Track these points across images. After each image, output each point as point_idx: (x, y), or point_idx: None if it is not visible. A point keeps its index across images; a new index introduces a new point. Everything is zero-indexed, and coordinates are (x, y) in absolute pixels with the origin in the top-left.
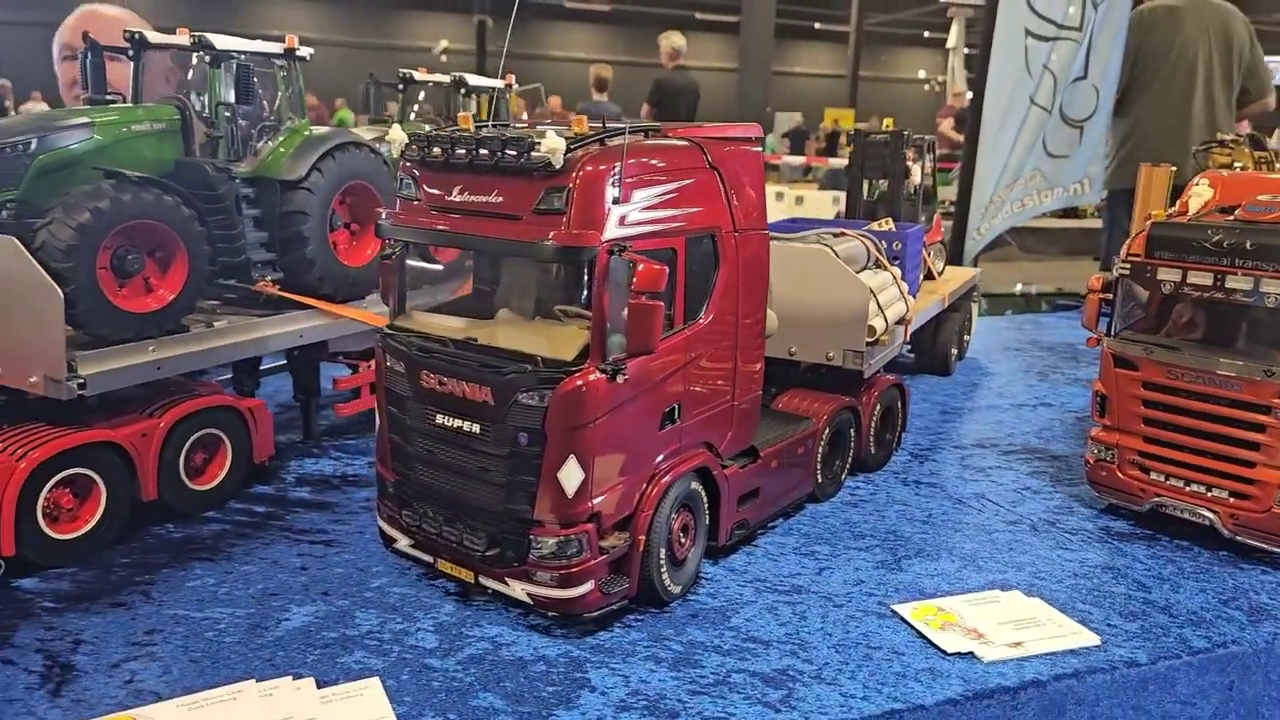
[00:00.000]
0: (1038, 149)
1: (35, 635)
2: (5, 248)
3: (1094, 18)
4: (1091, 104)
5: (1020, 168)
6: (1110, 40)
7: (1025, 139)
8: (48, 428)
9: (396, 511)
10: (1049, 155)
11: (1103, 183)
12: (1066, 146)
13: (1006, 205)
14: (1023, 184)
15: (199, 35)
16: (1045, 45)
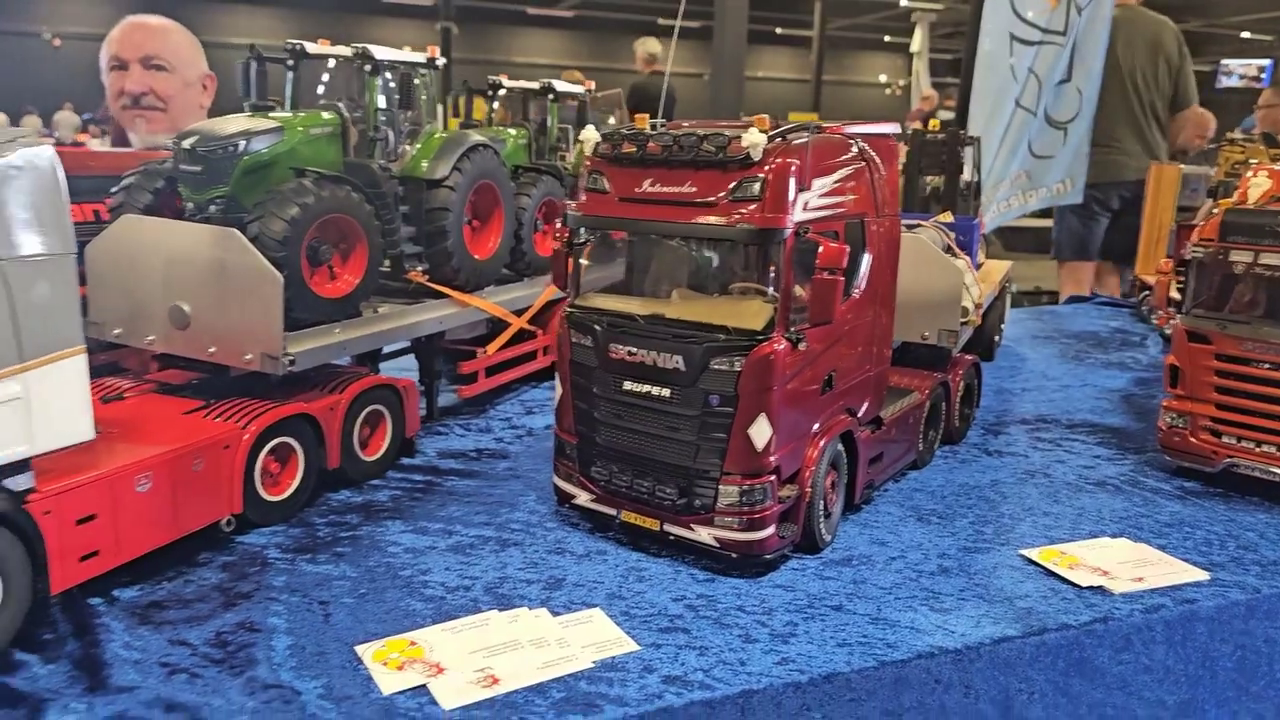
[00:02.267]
0: (1023, 150)
1: (280, 578)
2: (230, 239)
3: (1078, 22)
4: (1075, 106)
5: (1006, 169)
6: (1094, 44)
7: (1010, 141)
8: (257, 401)
9: (577, 470)
10: (1034, 156)
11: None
12: (1050, 147)
13: (994, 205)
14: (1008, 184)
15: (361, 46)
16: (1030, 49)
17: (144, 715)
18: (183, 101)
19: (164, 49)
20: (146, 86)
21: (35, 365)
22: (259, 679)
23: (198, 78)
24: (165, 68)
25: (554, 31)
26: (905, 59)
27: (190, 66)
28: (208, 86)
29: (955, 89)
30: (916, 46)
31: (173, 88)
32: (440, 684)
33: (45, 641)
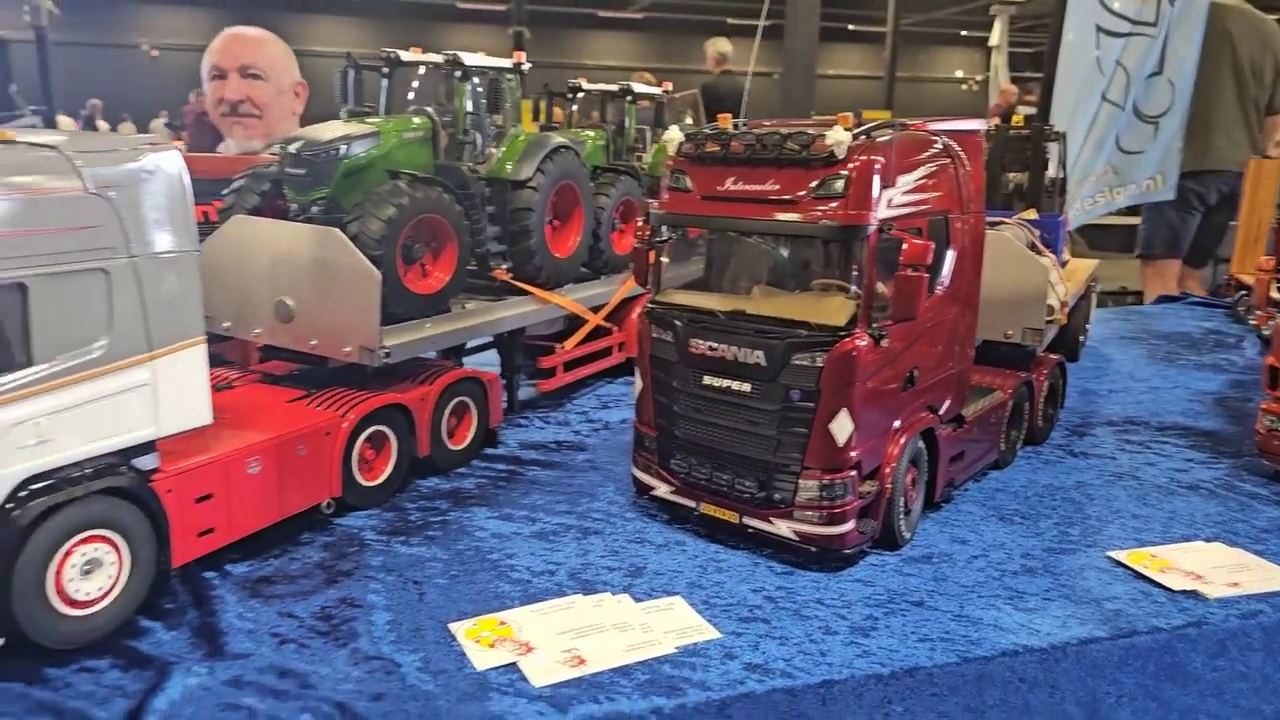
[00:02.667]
0: (1109, 145)
1: (377, 558)
2: (331, 238)
3: (1170, 12)
4: (1167, 100)
5: (1091, 165)
6: (1187, 35)
7: (1096, 135)
8: (355, 391)
9: (656, 463)
10: (1122, 151)
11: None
12: (1140, 142)
13: (1078, 203)
14: (1094, 181)
15: (452, 54)
16: (1118, 41)
17: (259, 680)
18: (277, 108)
19: (260, 59)
20: (243, 95)
21: (162, 354)
22: (362, 651)
23: (290, 85)
24: (261, 76)
25: (624, 33)
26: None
27: (284, 75)
28: (300, 93)
29: (1036, 83)
30: (996, 40)
31: (267, 95)
32: (529, 662)
33: (167, 610)
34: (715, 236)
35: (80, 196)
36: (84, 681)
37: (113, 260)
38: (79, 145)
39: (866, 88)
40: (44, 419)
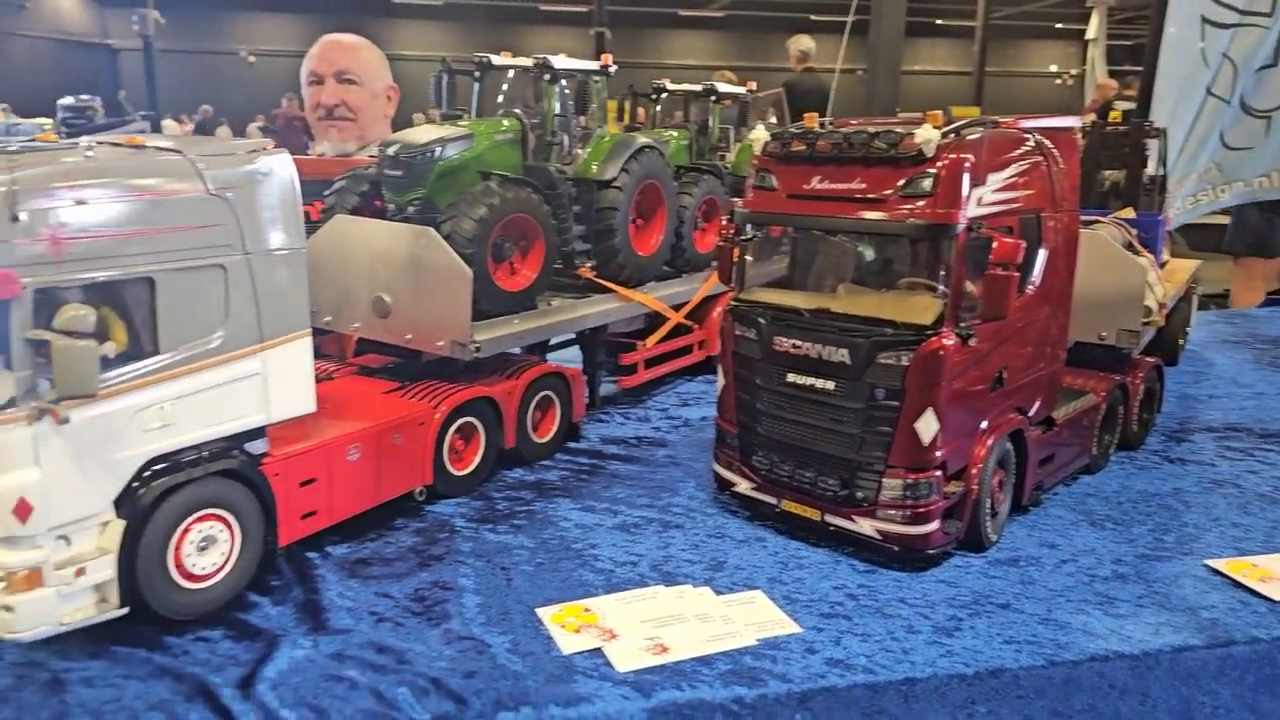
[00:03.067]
0: (1214, 141)
1: (467, 544)
2: (427, 237)
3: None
4: None
5: (1194, 162)
6: None
7: (1200, 131)
8: (445, 384)
9: (738, 459)
10: (1227, 148)
11: None
12: (1248, 138)
13: (1179, 201)
14: (1196, 179)
15: (541, 58)
16: (1225, 33)
17: (359, 655)
18: (370, 112)
19: (355, 64)
20: (339, 99)
21: (272, 345)
22: (454, 631)
23: (383, 89)
24: (356, 81)
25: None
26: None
27: (377, 79)
28: (391, 97)
29: (1135, 78)
30: (1093, 33)
31: (361, 100)
32: (614, 648)
33: (274, 587)
34: (799, 235)
35: (202, 198)
36: (200, 650)
37: (230, 257)
38: (201, 150)
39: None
40: (167, 404)
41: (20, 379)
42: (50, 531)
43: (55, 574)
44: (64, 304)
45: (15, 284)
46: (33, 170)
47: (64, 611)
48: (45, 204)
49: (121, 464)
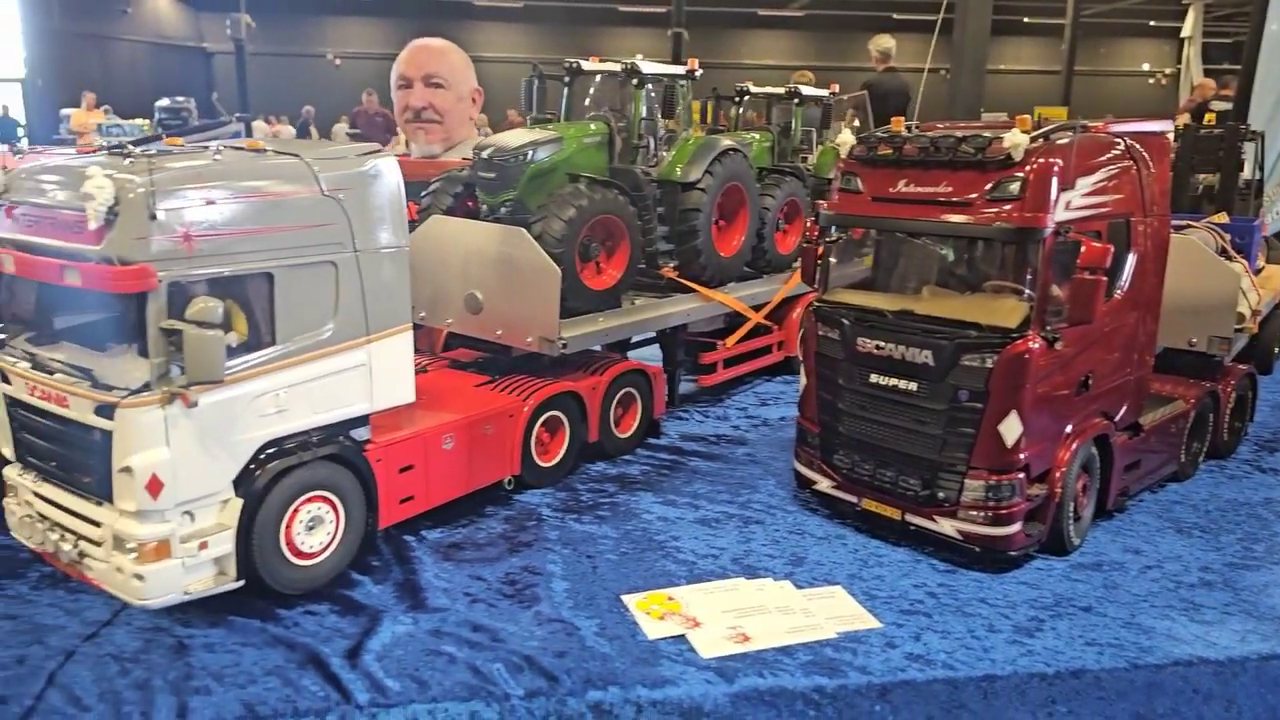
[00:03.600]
0: None
1: (554, 532)
2: (518, 237)
3: None
4: None
5: None
6: None
7: None
8: (533, 378)
9: (819, 458)
10: None
11: None
12: None
13: (1276, 206)
14: None
15: (630, 62)
16: None
17: (456, 632)
18: (456, 114)
19: (442, 68)
20: (426, 102)
21: (377, 338)
22: (544, 613)
23: (469, 91)
24: (443, 85)
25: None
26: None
27: (463, 82)
28: (476, 99)
29: (1234, 77)
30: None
31: (448, 102)
32: (697, 635)
33: (374, 567)
34: (883, 237)
35: (317, 198)
36: (309, 622)
37: (341, 254)
38: (316, 153)
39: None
40: (282, 392)
41: (154, 365)
42: (177, 507)
43: (181, 546)
44: (193, 297)
45: (152, 277)
46: (169, 172)
47: (188, 582)
48: (180, 203)
49: (241, 446)
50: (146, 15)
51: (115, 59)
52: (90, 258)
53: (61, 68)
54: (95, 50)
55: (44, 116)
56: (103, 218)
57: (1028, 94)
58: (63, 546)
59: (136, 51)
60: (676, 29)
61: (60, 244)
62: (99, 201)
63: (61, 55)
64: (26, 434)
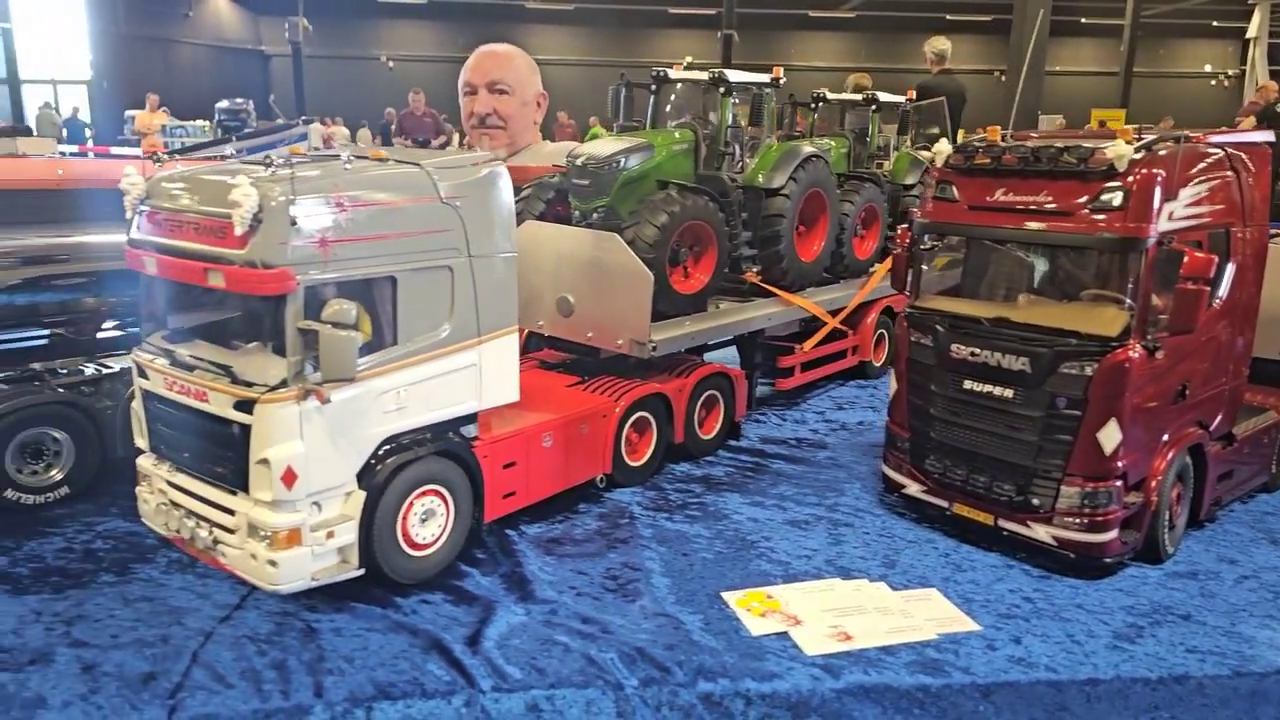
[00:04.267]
0: None
1: (648, 530)
2: (612, 243)
3: None
4: None
5: None
6: None
7: None
8: (622, 380)
9: (908, 463)
10: None
11: None
12: None
13: None
14: None
15: (717, 71)
16: None
17: (566, 623)
18: (520, 119)
19: (506, 74)
20: (491, 108)
21: (487, 339)
22: (648, 608)
23: (533, 97)
24: (507, 91)
25: (835, 34)
26: (1237, 46)
27: (528, 88)
28: (541, 104)
29: None
30: (1255, 31)
31: (512, 108)
32: (800, 633)
33: (480, 559)
34: (977, 245)
35: (436, 206)
36: (426, 610)
37: (456, 259)
38: (435, 162)
39: (1098, 85)
40: (402, 389)
41: (291, 363)
42: (308, 498)
43: (311, 535)
44: (325, 299)
45: (292, 280)
46: (307, 181)
47: (315, 569)
48: (316, 211)
49: (365, 441)
50: (207, 18)
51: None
52: (234, 261)
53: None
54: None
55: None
56: (248, 224)
57: (1084, 96)
58: (199, 533)
59: (197, 54)
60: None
61: (203, 247)
62: (245, 209)
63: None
64: (162, 426)
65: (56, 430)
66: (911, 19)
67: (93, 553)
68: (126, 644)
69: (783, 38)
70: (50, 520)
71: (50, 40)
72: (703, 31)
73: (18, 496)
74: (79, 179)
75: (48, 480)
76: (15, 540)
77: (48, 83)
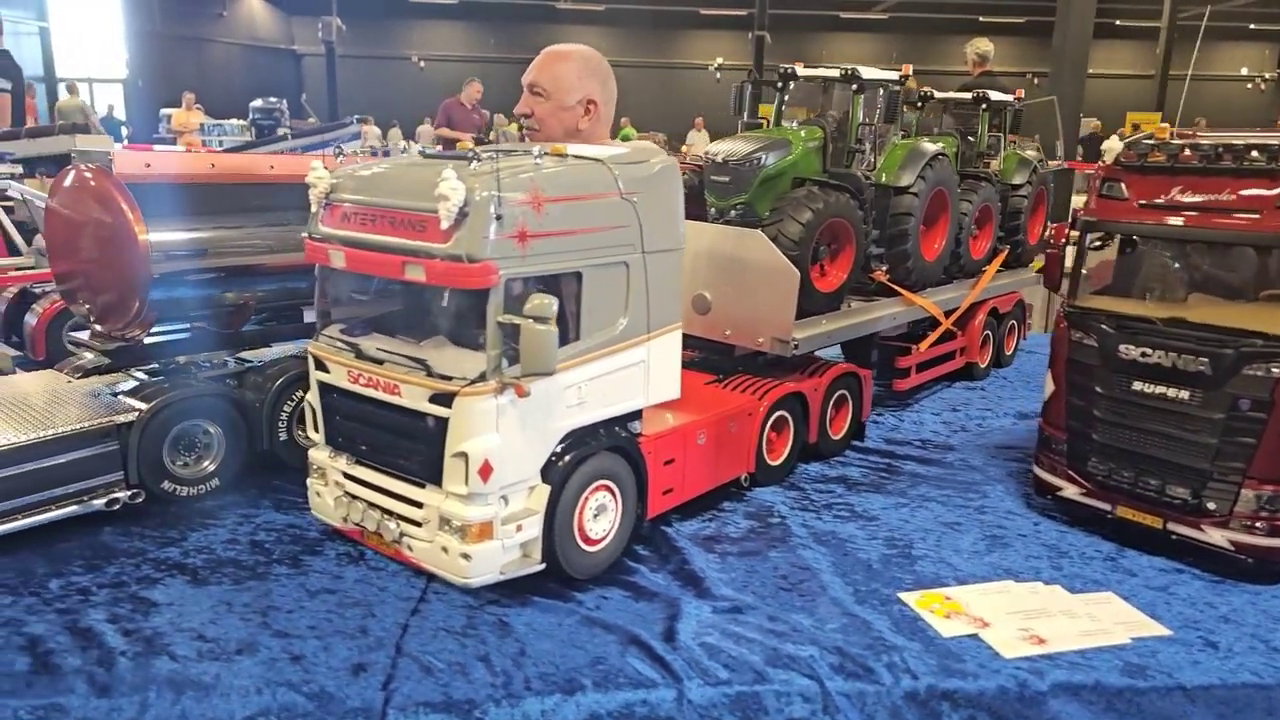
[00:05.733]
0: None
1: (801, 529)
2: (756, 240)
3: None
4: None
5: None
6: None
7: None
8: (760, 379)
9: (1064, 465)
10: None
11: None
12: None
13: None
14: None
15: (850, 68)
16: None
17: (753, 620)
18: (553, 122)
19: (543, 77)
20: (529, 109)
21: (655, 335)
22: (832, 607)
23: (575, 102)
24: (542, 95)
25: (867, 35)
26: (1274, 49)
27: (568, 93)
28: (591, 110)
29: None
30: None
31: (545, 111)
32: (991, 635)
33: (644, 556)
34: (1141, 244)
35: (618, 201)
36: (608, 605)
37: (632, 255)
38: (614, 157)
39: (1133, 88)
40: (583, 384)
41: (491, 357)
42: (499, 491)
43: (501, 528)
44: (519, 293)
45: (495, 274)
46: (511, 175)
47: (503, 562)
48: (517, 206)
49: (550, 435)
50: (241, 18)
51: (211, 60)
52: (436, 255)
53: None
54: (192, 52)
55: (145, 116)
56: (453, 217)
57: (1120, 99)
58: (387, 525)
59: (230, 53)
60: (760, 32)
61: (401, 241)
62: (452, 202)
63: (161, 57)
64: (342, 419)
65: (209, 423)
66: (944, 20)
67: (259, 544)
68: (328, 635)
69: (814, 39)
70: (207, 513)
71: (86, 39)
72: (734, 32)
73: (174, 488)
74: (230, 173)
75: (201, 472)
76: (179, 531)
77: (84, 80)
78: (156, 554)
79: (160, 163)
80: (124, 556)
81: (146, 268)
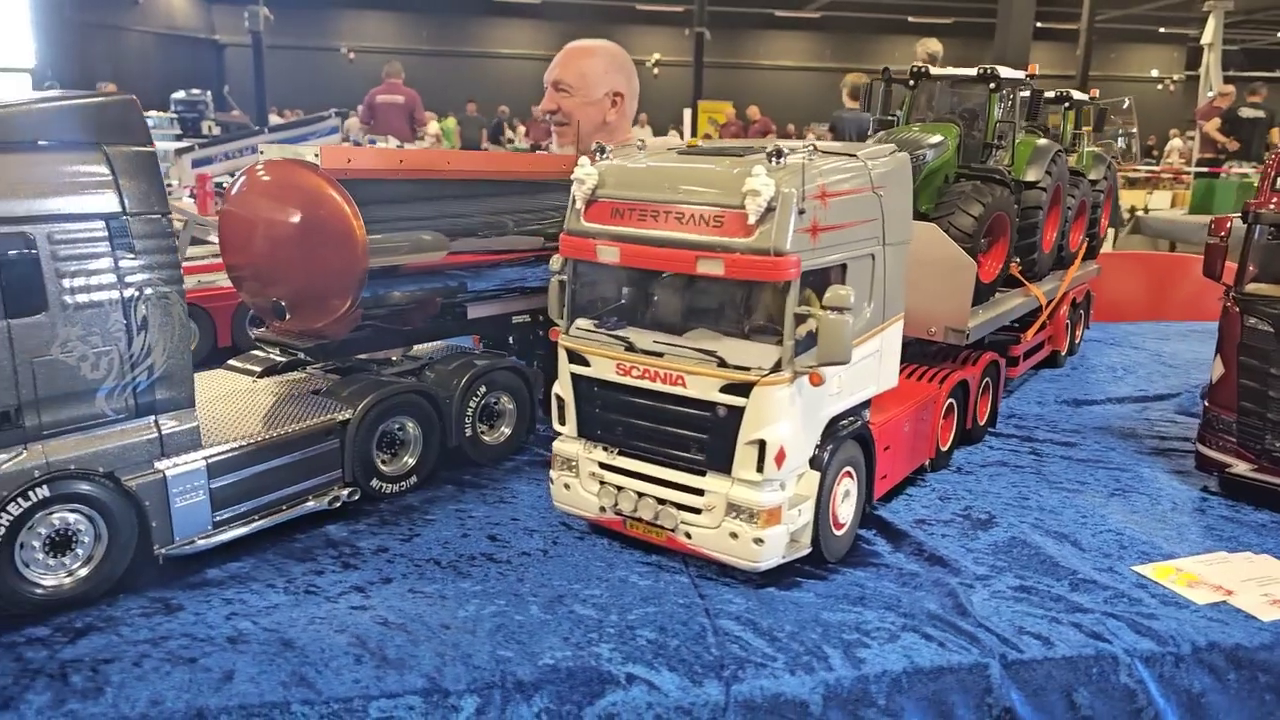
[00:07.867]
0: None
1: (991, 508)
2: (931, 232)
3: None
4: None
5: None
6: None
7: None
8: (930, 367)
9: (1235, 443)
10: None
11: None
12: None
13: None
14: None
15: (988, 68)
16: None
17: (1026, 596)
18: (585, 118)
19: (567, 74)
20: (555, 105)
21: (887, 325)
22: (1078, 580)
23: (601, 96)
24: (568, 91)
25: (801, 33)
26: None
27: (594, 88)
28: (618, 103)
29: (1263, 83)
30: (1209, 38)
31: (573, 106)
32: (1243, 602)
33: (873, 540)
34: None
35: (871, 195)
36: (871, 585)
37: (877, 247)
38: (866, 151)
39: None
40: (841, 373)
41: (788, 347)
42: (785, 477)
43: (787, 513)
44: (807, 285)
45: (797, 267)
46: (808, 171)
47: (785, 547)
48: (812, 200)
49: (820, 423)
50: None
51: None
52: (738, 249)
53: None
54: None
55: None
56: (761, 212)
57: None
58: (669, 513)
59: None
60: (699, 29)
61: (692, 236)
62: (763, 198)
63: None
64: (603, 411)
65: (409, 420)
66: (873, 20)
67: (497, 537)
68: (637, 624)
69: (750, 36)
70: (412, 508)
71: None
72: (670, 28)
73: (380, 485)
74: (417, 169)
75: (403, 468)
76: (405, 529)
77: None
78: (403, 549)
79: (359, 158)
80: (370, 553)
81: (363, 265)
